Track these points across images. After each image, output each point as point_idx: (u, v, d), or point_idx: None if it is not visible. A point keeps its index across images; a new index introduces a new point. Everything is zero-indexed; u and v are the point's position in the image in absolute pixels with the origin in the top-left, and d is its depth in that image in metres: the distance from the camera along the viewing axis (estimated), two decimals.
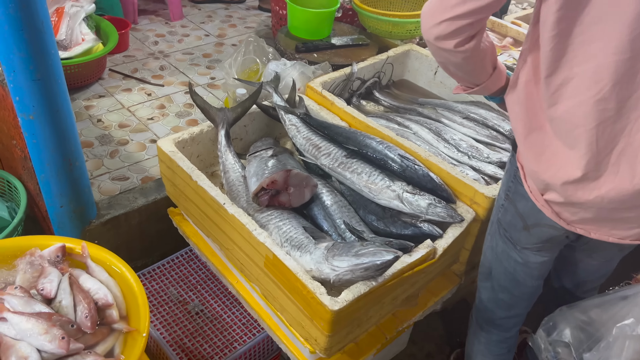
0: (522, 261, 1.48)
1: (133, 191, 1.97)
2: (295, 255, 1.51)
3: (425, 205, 1.63)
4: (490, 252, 1.58)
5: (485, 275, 1.64)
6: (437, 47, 1.20)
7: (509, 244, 1.48)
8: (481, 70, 1.29)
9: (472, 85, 1.34)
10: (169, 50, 2.95)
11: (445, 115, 2.18)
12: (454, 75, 1.33)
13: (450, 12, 1.12)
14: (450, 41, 1.16)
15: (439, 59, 1.26)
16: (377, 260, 1.35)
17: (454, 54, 1.20)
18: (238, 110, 1.94)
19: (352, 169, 1.76)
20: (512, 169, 1.40)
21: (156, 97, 2.52)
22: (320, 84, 2.14)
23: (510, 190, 1.40)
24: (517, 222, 1.41)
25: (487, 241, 1.60)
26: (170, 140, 1.81)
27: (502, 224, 1.47)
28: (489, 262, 1.60)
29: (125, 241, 1.94)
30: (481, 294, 1.67)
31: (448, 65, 1.27)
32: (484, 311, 1.67)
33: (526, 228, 1.40)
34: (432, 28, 1.16)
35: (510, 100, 1.30)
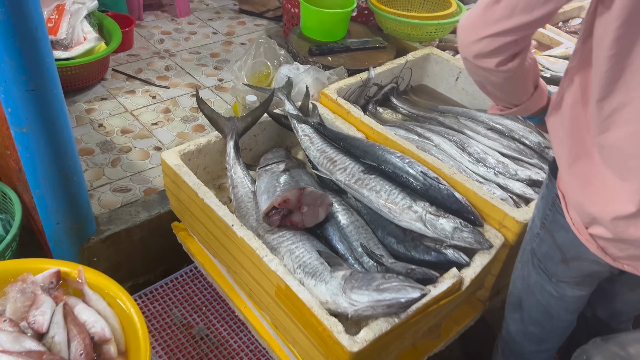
0: (558, 295, 1.36)
1: (135, 204, 1.85)
2: (309, 283, 1.39)
3: (450, 229, 1.50)
4: (521, 282, 1.45)
5: (514, 305, 1.51)
6: (476, 66, 1.06)
7: (544, 276, 1.35)
8: (522, 90, 1.16)
9: (511, 106, 1.21)
10: (175, 49, 2.82)
11: (468, 125, 2.04)
12: (491, 95, 1.20)
13: (494, 27, 0.99)
14: (492, 59, 1.03)
15: (477, 77, 1.13)
16: (401, 297, 1.22)
17: (494, 74, 1.06)
18: (248, 120, 1.82)
19: (370, 187, 1.63)
20: (549, 195, 1.27)
21: (161, 100, 2.40)
22: (335, 90, 2.01)
23: (547, 218, 1.27)
24: (555, 254, 1.28)
25: (517, 269, 1.48)
26: (175, 153, 1.68)
27: (536, 254, 1.35)
28: (518, 292, 1.48)
29: (126, 257, 1.83)
30: (509, 325, 1.55)
31: (486, 84, 1.14)
32: (511, 343, 1.55)
33: (565, 261, 1.27)
34: (471, 45, 1.03)
35: (553, 123, 1.17)
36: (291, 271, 1.43)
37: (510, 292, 1.53)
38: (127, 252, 1.82)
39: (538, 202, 1.34)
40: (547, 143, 1.92)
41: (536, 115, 1.26)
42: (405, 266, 1.46)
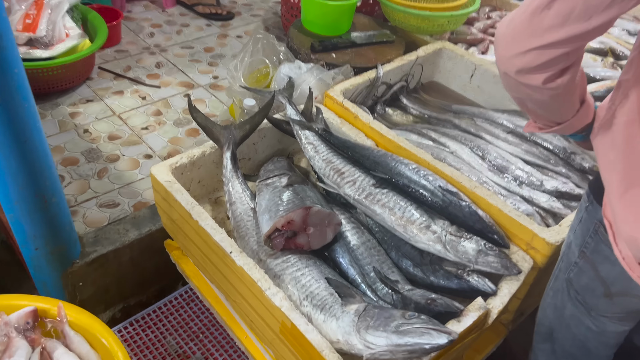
0: (598, 330, 1.21)
1: (124, 221, 1.69)
2: (318, 319, 1.24)
3: (473, 253, 1.35)
4: (553, 312, 1.31)
5: (544, 336, 1.37)
6: (518, 82, 0.90)
7: (581, 309, 1.20)
8: (568, 108, 1.00)
9: (552, 124, 1.05)
10: (166, 43, 2.63)
11: (486, 128, 1.87)
12: (531, 113, 1.04)
13: (543, 38, 0.82)
14: (539, 75, 0.86)
15: (517, 94, 0.97)
16: (425, 343, 1.07)
17: (540, 91, 0.90)
18: (246, 128, 1.65)
19: (383, 203, 1.47)
20: (590, 221, 1.11)
21: (151, 101, 2.22)
22: (341, 92, 1.84)
23: (587, 247, 1.12)
24: (597, 287, 1.13)
25: (548, 297, 1.33)
26: (166, 167, 1.52)
27: (573, 285, 1.20)
28: (550, 322, 1.33)
29: (116, 280, 1.67)
30: (538, 357, 1.40)
31: (527, 102, 0.98)
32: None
33: (608, 295, 1.12)
34: (514, 58, 0.86)
35: (601, 143, 1.00)
36: (297, 303, 1.28)
37: (540, 320, 1.38)
38: (116, 275, 1.66)
39: (575, 225, 1.18)
40: (573, 148, 1.76)
41: (579, 133, 1.09)
42: (424, 295, 1.31)
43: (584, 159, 1.73)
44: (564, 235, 1.36)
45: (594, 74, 2.12)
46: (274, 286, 1.25)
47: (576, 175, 1.70)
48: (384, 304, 1.35)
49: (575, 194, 1.60)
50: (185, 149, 2.00)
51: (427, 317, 1.13)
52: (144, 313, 1.64)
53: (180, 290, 1.73)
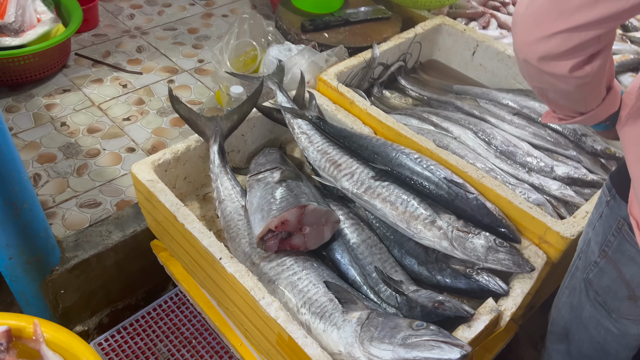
0: (619, 332, 1.13)
1: (106, 222, 1.57)
2: (318, 327, 1.14)
3: (482, 249, 1.26)
4: (570, 312, 1.22)
5: (559, 336, 1.28)
6: (541, 71, 0.78)
7: (602, 311, 1.12)
8: (594, 96, 0.88)
9: (575, 115, 0.94)
10: (147, 25, 2.47)
11: (490, 110, 1.76)
12: (551, 103, 0.92)
13: (571, 19, 0.71)
14: (565, 62, 0.75)
15: (538, 84, 0.85)
16: (435, 358, 0.98)
17: (565, 80, 0.79)
18: (234, 118, 1.53)
19: (383, 197, 1.37)
20: (613, 217, 1.01)
21: (133, 89, 2.08)
22: (335, 75, 1.71)
23: (609, 246, 1.02)
24: (620, 289, 1.04)
25: (563, 295, 1.24)
26: (148, 165, 1.40)
27: (592, 285, 1.10)
28: (565, 323, 1.25)
29: (100, 285, 1.57)
30: (552, 357, 1.32)
31: (548, 92, 0.86)
32: None
33: (633, 298, 1.03)
34: (536, 44, 0.75)
35: (630, 134, 0.90)
36: (294, 310, 1.19)
37: (554, 320, 1.29)
38: (100, 280, 1.56)
39: (594, 221, 1.08)
40: (583, 130, 1.65)
41: (603, 122, 0.98)
42: (430, 297, 1.21)
43: (596, 140, 1.62)
44: (579, 227, 1.27)
45: None
46: (269, 295, 1.15)
47: (587, 158, 1.60)
48: (387, 307, 1.26)
49: (588, 180, 1.50)
50: (171, 140, 1.87)
51: (437, 328, 1.03)
52: (132, 319, 1.55)
53: (170, 293, 1.63)
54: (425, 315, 1.19)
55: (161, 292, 1.75)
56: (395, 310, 1.24)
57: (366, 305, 1.17)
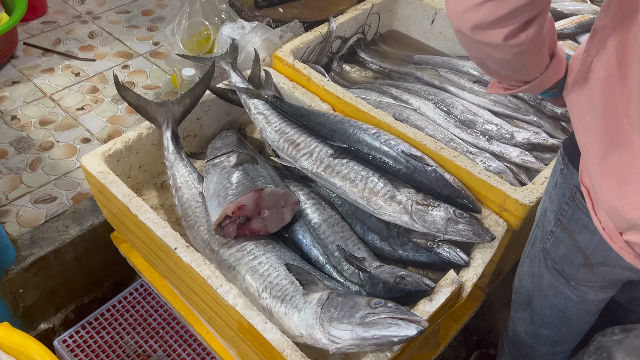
0: (578, 299, 1.14)
1: (63, 217, 1.53)
2: (279, 311, 1.13)
3: (442, 222, 1.25)
4: (531, 281, 1.22)
5: (521, 305, 1.29)
6: (475, 41, 0.76)
7: (560, 279, 1.12)
8: (535, 64, 0.86)
9: (519, 84, 0.91)
10: (99, 9, 2.38)
11: (450, 79, 1.73)
12: (493, 73, 0.90)
13: None
14: (498, 30, 0.72)
15: (475, 54, 0.83)
16: (392, 336, 0.97)
17: (501, 49, 0.76)
18: (186, 102, 1.48)
19: (343, 174, 1.34)
20: (566, 185, 1.00)
21: (86, 77, 2.01)
22: (290, 52, 1.66)
23: (564, 215, 1.02)
24: (575, 257, 1.04)
25: (524, 264, 1.24)
26: (98, 156, 1.35)
27: (550, 254, 1.11)
28: (527, 291, 1.25)
29: (62, 281, 1.53)
30: (517, 326, 1.33)
31: (488, 62, 0.84)
32: (520, 345, 1.34)
33: (588, 265, 1.03)
34: (467, 12, 0.72)
35: (576, 102, 0.88)
36: (255, 296, 1.17)
37: (517, 289, 1.29)
38: (61, 276, 1.52)
39: (550, 189, 1.08)
40: None
41: (550, 90, 0.96)
42: (392, 272, 1.21)
43: None
44: (538, 194, 1.26)
45: (561, 9, 1.97)
46: (226, 282, 1.13)
47: (548, 123, 1.59)
48: (350, 285, 1.25)
49: (548, 145, 1.50)
50: (127, 128, 1.82)
51: (395, 305, 1.02)
52: (97, 313, 1.52)
53: (136, 284, 1.60)
54: (388, 291, 1.19)
55: (129, 283, 1.72)
56: (359, 288, 1.24)
57: (327, 285, 1.16)
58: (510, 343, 1.37)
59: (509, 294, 1.38)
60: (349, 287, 1.24)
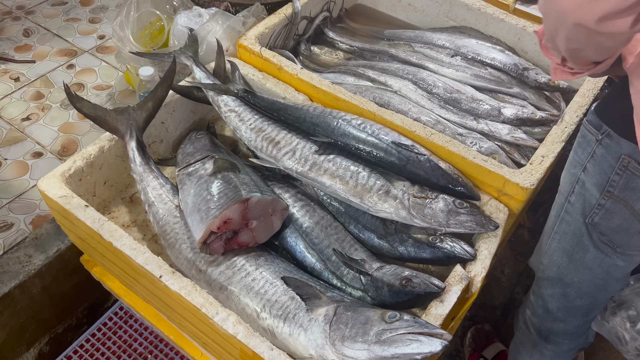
0: (625, 264, 1.13)
1: (23, 245, 1.37)
2: (283, 332, 1.04)
3: (443, 214, 1.18)
4: (564, 256, 1.19)
5: (552, 281, 1.26)
6: (596, 32, 0.68)
7: (607, 249, 1.10)
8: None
9: (590, 66, 0.83)
10: (31, 3, 2.14)
11: (427, 55, 1.65)
12: (578, 60, 0.82)
13: None
14: (627, 18, 0.65)
15: (579, 45, 0.75)
16: (415, 354, 0.90)
17: (619, 37, 0.70)
18: (149, 107, 1.34)
19: (331, 172, 1.25)
20: (611, 156, 0.96)
21: (28, 82, 1.81)
22: (255, 38, 1.53)
23: (614, 186, 0.98)
24: (632, 225, 1.02)
25: (553, 241, 1.20)
26: (57, 178, 1.21)
27: (598, 228, 1.07)
28: (558, 267, 1.22)
29: (31, 316, 1.39)
30: (547, 304, 1.30)
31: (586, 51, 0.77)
32: (552, 322, 1.32)
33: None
34: (594, 3, 0.65)
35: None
36: (254, 317, 1.08)
37: (545, 266, 1.25)
38: (29, 311, 1.38)
39: (583, 161, 1.03)
40: (524, 63, 1.58)
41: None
42: (396, 274, 1.13)
43: (538, 73, 1.56)
44: (538, 175, 1.21)
45: None
46: (223, 309, 1.03)
47: (532, 94, 1.54)
48: (353, 290, 1.17)
49: (537, 119, 1.44)
50: (82, 136, 1.65)
51: (412, 317, 0.95)
52: (75, 346, 1.39)
53: (114, 308, 1.48)
54: (394, 295, 1.12)
55: (105, 303, 1.59)
56: (362, 293, 1.16)
57: (331, 297, 1.08)
58: (540, 321, 1.34)
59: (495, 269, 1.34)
60: (351, 294, 1.16)
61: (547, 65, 1.62)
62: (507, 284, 2.02)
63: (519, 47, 1.65)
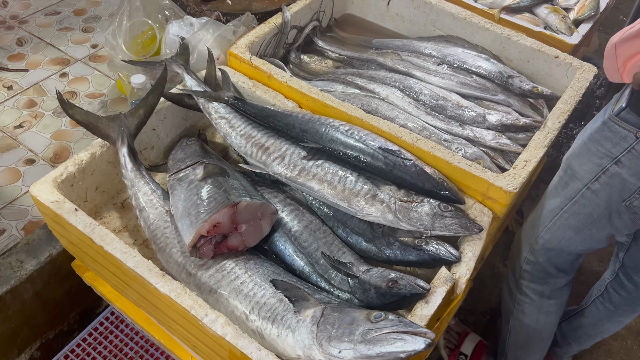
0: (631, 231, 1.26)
1: (15, 251, 1.39)
2: (271, 333, 1.06)
3: (428, 217, 1.21)
4: (570, 232, 1.30)
5: (553, 251, 1.38)
6: None
7: (630, 224, 1.20)
8: None
9: None
10: (25, 12, 2.17)
11: (414, 63, 1.68)
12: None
13: None
14: None
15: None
16: (400, 352, 0.92)
17: None
18: (140, 114, 1.36)
19: (319, 177, 1.28)
20: None
21: (21, 90, 1.83)
22: (246, 47, 1.56)
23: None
24: None
25: (561, 218, 1.31)
26: (49, 184, 1.22)
27: (634, 209, 1.16)
28: (560, 240, 1.34)
29: (23, 321, 1.40)
30: (547, 268, 1.40)
31: None
32: (554, 279, 1.42)
33: None
34: None
35: None
36: (243, 319, 1.09)
37: (547, 240, 1.37)
38: (21, 316, 1.39)
39: (622, 158, 1.11)
40: (509, 71, 1.62)
41: None
42: (383, 276, 1.16)
43: (523, 80, 1.59)
44: (521, 179, 1.24)
45: None
46: (212, 311, 1.05)
47: (516, 101, 1.57)
48: (340, 292, 1.19)
49: (521, 125, 1.48)
50: (74, 143, 1.67)
51: (396, 317, 0.98)
52: (66, 350, 1.40)
53: (106, 313, 1.49)
54: (380, 297, 1.14)
55: (96, 309, 1.60)
56: (349, 296, 1.18)
57: (318, 299, 1.10)
58: (541, 284, 1.42)
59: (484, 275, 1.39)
60: (339, 296, 1.18)
61: (530, 73, 1.66)
62: (495, 289, 2.05)
63: (504, 55, 1.69)
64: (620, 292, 1.43)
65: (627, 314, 1.45)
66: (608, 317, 1.46)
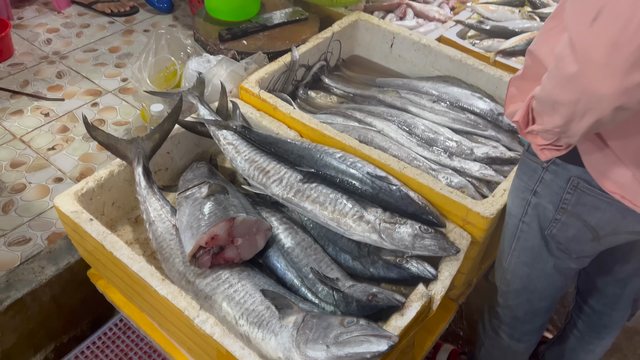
0: (578, 266, 1.26)
1: (38, 258, 1.54)
2: (257, 337, 1.16)
3: (409, 238, 1.30)
4: (525, 269, 1.30)
5: (517, 292, 1.38)
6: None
7: (564, 256, 1.22)
8: None
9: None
10: (66, 49, 2.41)
11: (411, 99, 1.81)
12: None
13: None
14: None
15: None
16: (365, 352, 1.01)
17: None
18: (155, 137, 1.52)
19: (313, 198, 1.39)
20: (561, 179, 1.08)
21: (56, 117, 2.03)
22: (256, 82, 1.72)
23: (567, 203, 1.10)
24: (585, 235, 1.13)
25: (513, 257, 1.31)
26: (71, 196, 1.38)
27: (556, 238, 1.19)
28: (522, 280, 1.33)
29: (40, 323, 1.53)
30: (515, 312, 1.42)
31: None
32: (522, 325, 1.44)
33: (596, 239, 1.14)
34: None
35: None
36: (233, 323, 1.20)
37: (509, 281, 1.37)
38: (38, 318, 1.52)
39: (531, 186, 1.15)
40: (499, 109, 1.72)
41: None
42: (365, 291, 1.25)
43: None
44: (499, 205, 1.33)
45: (512, 27, 2.08)
46: (203, 312, 1.16)
47: (505, 136, 1.67)
48: (326, 305, 1.29)
49: (506, 158, 1.57)
50: (99, 165, 1.84)
51: (366, 322, 1.07)
52: (77, 352, 1.52)
53: (115, 319, 1.61)
54: (361, 309, 1.23)
55: (108, 318, 1.72)
56: (334, 308, 1.27)
57: (302, 308, 1.19)
58: (511, 328, 1.45)
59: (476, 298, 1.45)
60: (324, 308, 1.28)
61: None
62: None
63: (497, 94, 1.80)
64: (581, 317, 1.48)
65: (594, 341, 1.47)
66: (580, 346, 1.50)
